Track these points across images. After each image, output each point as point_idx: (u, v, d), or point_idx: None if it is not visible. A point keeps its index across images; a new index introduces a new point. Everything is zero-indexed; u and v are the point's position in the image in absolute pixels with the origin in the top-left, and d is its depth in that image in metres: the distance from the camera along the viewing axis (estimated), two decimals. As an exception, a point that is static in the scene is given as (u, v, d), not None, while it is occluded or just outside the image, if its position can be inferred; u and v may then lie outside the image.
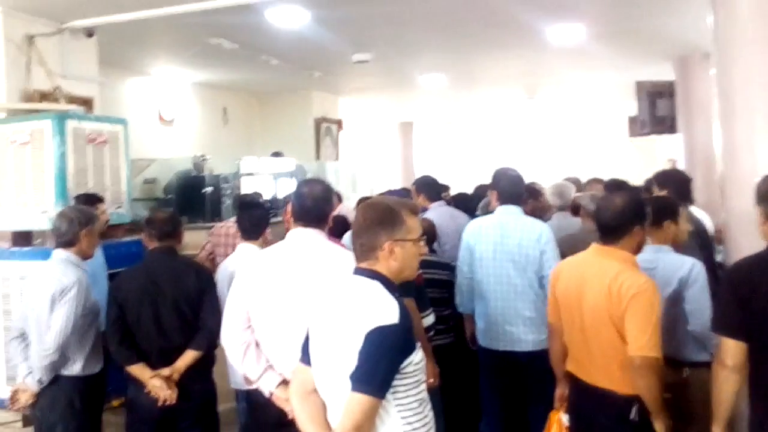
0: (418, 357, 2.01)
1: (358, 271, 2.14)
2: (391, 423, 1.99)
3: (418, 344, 2.06)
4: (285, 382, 2.59)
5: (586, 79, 10.98)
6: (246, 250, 3.81)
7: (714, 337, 2.73)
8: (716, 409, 2.46)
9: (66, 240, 3.50)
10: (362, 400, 1.91)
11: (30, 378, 3.40)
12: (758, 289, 2.39)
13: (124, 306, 3.40)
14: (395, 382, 1.96)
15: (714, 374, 2.48)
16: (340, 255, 2.68)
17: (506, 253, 3.75)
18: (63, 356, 3.37)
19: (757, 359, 2.40)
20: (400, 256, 2.11)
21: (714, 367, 2.49)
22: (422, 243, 2.23)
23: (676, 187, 4.07)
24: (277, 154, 9.41)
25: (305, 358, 2.20)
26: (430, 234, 4.39)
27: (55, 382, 3.40)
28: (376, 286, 2.06)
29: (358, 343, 1.94)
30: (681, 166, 8.93)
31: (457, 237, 4.61)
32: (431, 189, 5.12)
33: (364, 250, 2.12)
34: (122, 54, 7.38)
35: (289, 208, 2.89)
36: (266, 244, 3.70)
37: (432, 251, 4.38)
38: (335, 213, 6.88)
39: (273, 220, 5.18)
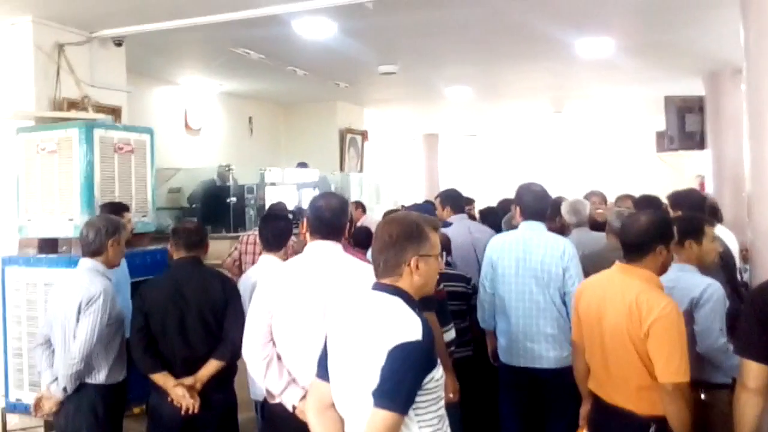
0: (439, 373, 2.01)
1: (379, 287, 2.12)
2: None
3: (439, 360, 2.05)
4: None
5: (614, 94, 10.89)
6: (268, 261, 3.80)
7: (730, 359, 2.73)
8: None
9: (93, 249, 3.52)
10: (386, 416, 1.91)
11: (54, 386, 3.42)
12: None
13: (150, 315, 3.44)
14: (417, 399, 1.96)
15: (736, 397, 2.44)
16: (361, 268, 2.70)
17: (529, 270, 3.72)
18: (88, 365, 3.40)
19: None
20: (424, 271, 2.11)
21: (736, 389, 2.46)
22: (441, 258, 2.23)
23: (689, 207, 3.99)
24: (302, 165, 9.44)
25: (322, 372, 2.20)
26: (445, 247, 4.42)
27: (79, 390, 3.42)
28: (398, 302, 2.05)
29: (381, 359, 1.94)
30: (709, 182, 8.82)
31: (471, 250, 4.70)
32: (456, 202, 5.13)
33: (389, 266, 2.10)
34: (150, 63, 7.47)
35: (305, 222, 2.91)
36: (292, 254, 3.70)
37: (447, 264, 4.39)
38: (359, 223, 6.96)
39: (297, 230, 5.22)
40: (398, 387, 1.92)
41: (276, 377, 2.71)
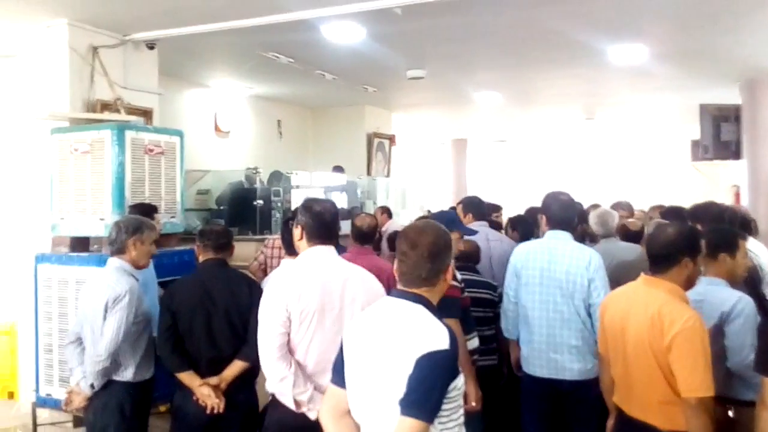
0: (461, 381, 2.02)
1: (401, 295, 2.12)
2: None
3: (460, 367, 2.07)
4: None
5: (648, 101, 10.73)
6: (290, 265, 3.81)
7: (754, 375, 2.64)
8: None
9: (116, 248, 3.59)
10: (414, 425, 1.92)
11: (83, 382, 3.48)
12: None
13: (177, 314, 3.49)
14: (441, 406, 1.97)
15: (757, 416, 2.42)
16: (364, 272, 2.89)
17: (553, 280, 3.66)
18: (115, 362, 3.46)
19: None
20: (449, 278, 2.16)
21: (757, 408, 2.43)
22: None
23: (710, 220, 3.92)
24: (338, 169, 9.44)
25: (338, 379, 2.20)
26: (475, 256, 4.50)
27: (107, 387, 3.48)
28: (423, 310, 2.06)
29: (407, 368, 1.94)
30: (744, 193, 8.66)
31: (487, 259, 4.75)
32: (477, 209, 5.16)
33: (431, 275, 2.10)
34: (182, 66, 7.56)
35: (300, 228, 2.91)
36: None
37: (475, 271, 4.42)
38: (384, 228, 6.93)
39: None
40: (427, 396, 1.93)
41: (302, 387, 2.71)
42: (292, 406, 2.73)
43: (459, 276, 3.60)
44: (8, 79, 6.16)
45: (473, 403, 3.36)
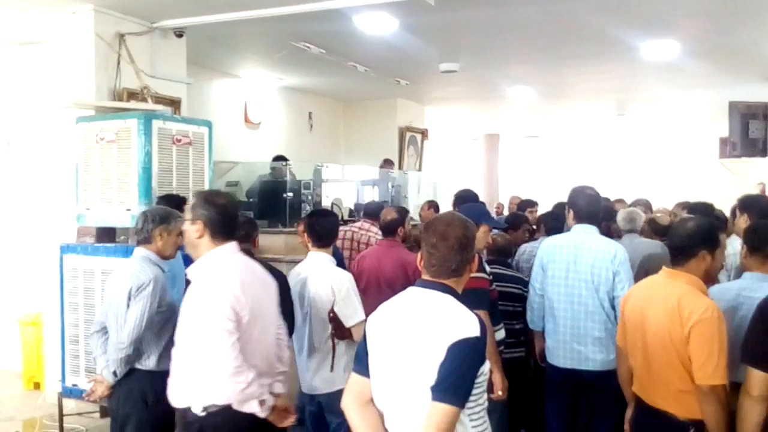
0: (487, 367, 2.09)
1: (428, 285, 2.15)
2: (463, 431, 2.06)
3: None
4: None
5: (678, 97, 10.74)
6: (317, 257, 3.80)
7: None
8: None
9: (143, 237, 3.56)
10: (448, 410, 1.96)
11: (106, 370, 3.46)
12: None
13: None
14: None
15: (739, 404, 2.51)
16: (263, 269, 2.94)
17: (579, 273, 3.77)
18: (137, 350, 3.42)
19: None
20: (475, 267, 2.26)
21: (740, 397, 2.51)
22: None
23: (758, 213, 3.86)
24: (388, 163, 9.38)
25: (362, 369, 2.21)
26: (507, 250, 4.65)
27: (130, 375, 3.45)
28: (451, 299, 2.10)
29: (439, 355, 1.98)
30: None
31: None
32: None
33: (460, 266, 2.15)
34: (211, 55, 7.53)
35: (201, 224, 2.70)
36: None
37: (508, 266, 4.56)
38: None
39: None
40: (460, 382, 1.98)
41: (261, 387, 2.62)
42: (257, 410, 2.59)
43: (488, 269, 3.64)
44: (33, 66, 6.16)
45: (499, 393, 3.42)
